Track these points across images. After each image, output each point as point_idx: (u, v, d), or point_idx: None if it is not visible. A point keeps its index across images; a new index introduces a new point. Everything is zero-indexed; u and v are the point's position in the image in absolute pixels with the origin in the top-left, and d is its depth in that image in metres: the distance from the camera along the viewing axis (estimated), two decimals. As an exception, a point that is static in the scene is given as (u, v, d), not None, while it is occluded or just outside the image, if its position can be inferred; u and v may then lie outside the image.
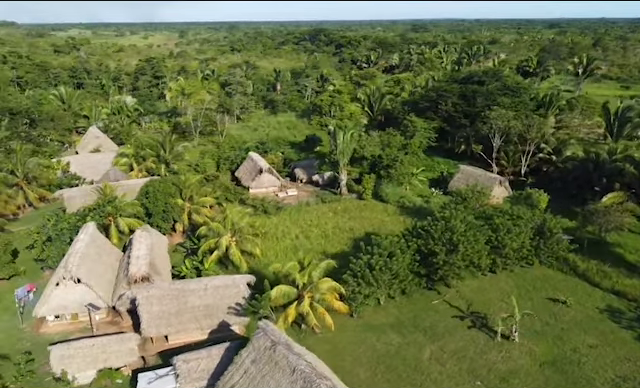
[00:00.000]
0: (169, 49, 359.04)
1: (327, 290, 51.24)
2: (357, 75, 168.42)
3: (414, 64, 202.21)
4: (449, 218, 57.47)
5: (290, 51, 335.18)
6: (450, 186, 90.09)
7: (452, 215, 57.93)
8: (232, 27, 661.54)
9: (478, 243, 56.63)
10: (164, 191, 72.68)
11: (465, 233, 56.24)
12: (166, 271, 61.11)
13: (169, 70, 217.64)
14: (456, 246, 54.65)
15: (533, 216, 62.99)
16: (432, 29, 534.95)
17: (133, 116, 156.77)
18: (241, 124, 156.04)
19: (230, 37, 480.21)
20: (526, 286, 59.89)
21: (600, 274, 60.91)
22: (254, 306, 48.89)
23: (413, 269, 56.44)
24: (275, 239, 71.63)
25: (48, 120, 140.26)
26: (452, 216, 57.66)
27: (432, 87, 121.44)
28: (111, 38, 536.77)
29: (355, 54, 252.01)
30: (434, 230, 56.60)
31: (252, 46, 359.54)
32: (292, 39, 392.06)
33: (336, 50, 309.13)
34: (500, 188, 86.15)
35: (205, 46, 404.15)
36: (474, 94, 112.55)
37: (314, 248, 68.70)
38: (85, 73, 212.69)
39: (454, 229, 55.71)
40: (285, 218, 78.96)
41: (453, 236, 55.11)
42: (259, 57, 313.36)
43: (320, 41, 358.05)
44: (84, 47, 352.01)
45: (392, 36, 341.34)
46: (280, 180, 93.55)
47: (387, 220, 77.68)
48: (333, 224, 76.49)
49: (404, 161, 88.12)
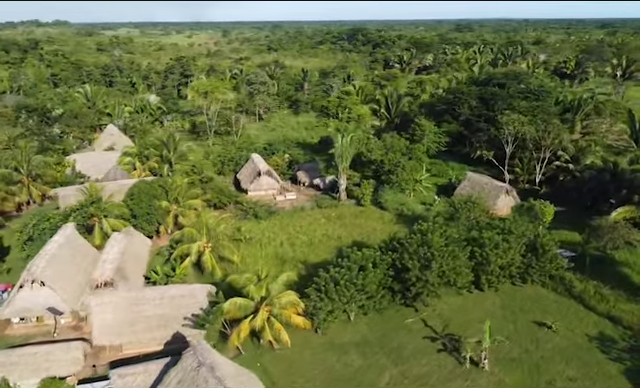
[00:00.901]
0: (207, 48, 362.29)
1: (286, 304, 48.38)
2: (379, 76, 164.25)
3: (441, 65, 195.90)
4: (426, 231, 53.54)
5: (326, 51, 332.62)
6: (455, 194, 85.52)
7: (429, 228, 53.94)
8: (275, 27, 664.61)
9: (457, 259, 52.52)
10: (148, 193, 71.39)
11: (444, 248, 52.23)
12: (138, 276, 59.58)
13: (198, 69, 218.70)
14: (430, 262, 50.76)
15: (526, 231, 58.14)
16: (477, 29, 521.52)
17: (156, 115, 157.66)
18: (262, 124, 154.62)
19: (271, 36, 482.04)
20: (513, 307, 55.37)
21: (597, 296, 55.80)
22: (204, 319, 46.55)
23: (386, 285, 52.90)
24: (259, 245, 69.19)
25: (72, 117, 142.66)
26: (429, 229, 53.67)
27: (450, 89, 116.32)
28: (157, 37, 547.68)
29: (388, 54, 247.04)
30: (409, 244, 52.85)
31: (289, 45, 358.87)
32: (330, 38, 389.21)
33: (373, 50, 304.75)
34: (507, 197, 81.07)
35: (245, 45, 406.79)
36: (493, 97, 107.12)
37: (296, 256, 65.96)
38: (117, 71, 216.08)
39: (430, 243, 51.80)
40: (275, 223, 76.50)
41: (428, 251, 51.23)
42: (295, 56, 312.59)
43: (357, 41, 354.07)
44: (119, 46, 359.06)
45: (431, 36, 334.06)
46: (279, 183, 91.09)
47: (380, 228, 74.01)
48: (323, 231, 73.49)
49: (406, 166, 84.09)
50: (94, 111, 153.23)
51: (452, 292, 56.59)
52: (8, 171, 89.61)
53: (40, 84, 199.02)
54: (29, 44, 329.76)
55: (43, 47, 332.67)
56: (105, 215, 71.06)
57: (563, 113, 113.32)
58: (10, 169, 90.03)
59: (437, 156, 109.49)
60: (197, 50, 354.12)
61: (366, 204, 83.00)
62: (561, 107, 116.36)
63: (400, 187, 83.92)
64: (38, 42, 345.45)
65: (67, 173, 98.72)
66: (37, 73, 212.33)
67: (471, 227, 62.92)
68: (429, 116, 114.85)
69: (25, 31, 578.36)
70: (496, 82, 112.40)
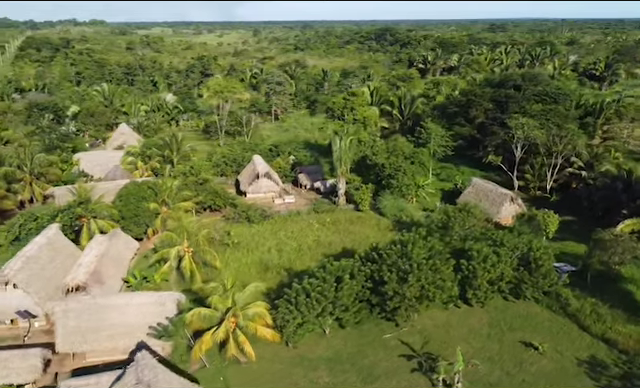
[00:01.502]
0: (235, 47, 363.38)
1: (253, 316, 46.19)
2: (395, 76, 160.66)
3: (461, 66, 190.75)
4: (407, 242, 50.61)
5: (353, 50, 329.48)
6: (459, 200, 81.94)
7: (410, 239, 50.98)
8: (305, 26, 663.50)
9: (438, 273, 49.42)
10: (137, 194, 70.28)
11: (425, 261, 49.22)
12: (116, 280, 58.30)
13: (219, 68, 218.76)
14: (407, 275, 47.84)
15: (518, 243, 54.56)
16: (511, 29, 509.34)
17: (173, 114, 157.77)
18: (276, 124, 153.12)
19: (301, 36, 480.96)
20: (501, 324, 51.94)
21: (593, 316, 51.87)
22: (164, 330, 44.77)
23: (363, 297, 50.23)
24: (246, 251, 67.20)
25: (88, 115, 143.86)
26: (410, 240, 50.71)
27: (463, 91, 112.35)
28: (188, 36, 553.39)
29: (413, 54, 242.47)
30: (387, 255, 50.02)
31: (315, 45, 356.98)
32: (358, 38, 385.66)
33: (400, 50, 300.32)
34: (512, 206, 77.15)
35: (273, 45, 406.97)
36: (507, 99, 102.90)
37: (282, 263, 63.75)
38: (140, 70, 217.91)
39: (410, 255, 48.88)
40: (267, 228, 74.45)
41: (407, 264, 48.33)
42: (320, 56, 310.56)
43: (385, 41, 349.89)
44: (148, 45, 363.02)
45: (460, 36, 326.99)
46: (279, 186, 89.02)
47: (373, 236, 70.92)
48: (314, 237, 71.07)
49: (408, 171, 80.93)
50: (111, 110, 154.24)
51: (437, 306, 53.57)
52: (12, 169, 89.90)
53: (64, 82, 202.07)
54: (61, 43, 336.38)
55: (74, 46, 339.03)
56: (94, 216, 70.39)
57: (584, 117, 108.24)
58: (13, 167, 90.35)
59: (448, 160, 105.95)
60: (224, 49, 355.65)
61: (364, 209, 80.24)
62: (582, 110, 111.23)
63: (401, 192, 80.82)
64: (70, 41, 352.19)
65: (73, 172, 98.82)
66: (62, 71, 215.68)
67: (465, 237, 59.57)
68: (441, 119, 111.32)
69: (62, 30, 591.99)
70: (511, 84, 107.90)
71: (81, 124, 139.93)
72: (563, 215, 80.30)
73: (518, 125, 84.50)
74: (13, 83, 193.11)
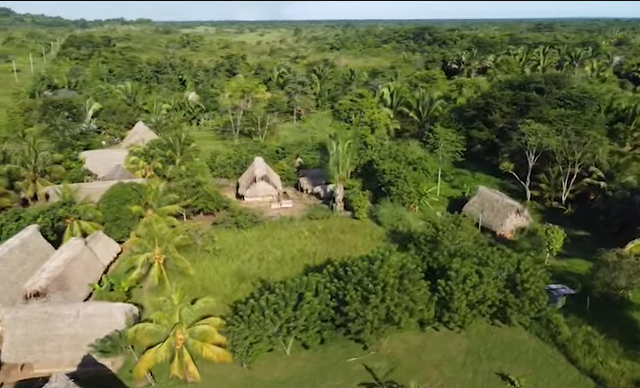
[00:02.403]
0: (271, 46, 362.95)
1: (201, 334, 43.14)
2: (417, 77, 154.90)
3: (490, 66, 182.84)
4: (374, 259, 46.52)
5: (390, 50, 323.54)
6: (463, 210, 77.06)
7: (379, 256, 46.83)
8: (347, 25, 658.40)
9: (408, 294, 45.07)
10: (120, 197, 68.47)
11: (396, 280, 45.03)
12: (83, 286, 56.38)
13: (247, 68, 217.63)
14: (371, 295, 43.77)
15: (504, 263, 49.61)
16: (559, 29, 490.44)
17: (194, 112, 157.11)
18: (296, 125, 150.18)
19: (341, 35, 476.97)
20: (480, 351, 47.21)
21: (585, 347, 46.53)
22: (102, 346, 42.26)
23: (327, 317, 46.46)
24: (226, 259, 64.35)
25: (110, 113, 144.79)
26: (378, 257, 46.56)
27: (482, 93, 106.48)
28: (230, 35, 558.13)
29: (448, 54, 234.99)
30: (353, 273, 46.07)
31: (352, 44, 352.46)
32: (397, 37, 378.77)
33: (438, 49, 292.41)
34: (518, 218, 71.67)
35: (311, 43, 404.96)
36: (527, 103, 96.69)
37: (258, 274, 60.52)
38: (170, 68, 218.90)
39: (376, 274, 44.79)
40: (255, 234, 71.40)
41: (372, 283, 44.28)
42: (356, 56, 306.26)
43: (423, 40, 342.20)
44: (188, 43, 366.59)
45: (501, 35, 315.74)
46: (277, 189, 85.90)
47: (363, 246, 67.00)
48: (301, 246, 67.54)
49: (409, 178, 76.39)
50: (133, 108, 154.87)
51: (413, 329, 49.26)
52: (16, 166, 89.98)
53: (96, 80, 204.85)
54: (103, 41, 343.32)
55: (115, 44, 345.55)
56: (79, 217, 69.09)
57: (614, 122, 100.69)
58: (17, 165, 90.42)
59: (465, 166, 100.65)
60: (261, 48, 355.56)
61: (361, 217, 76.18)
62: (613, 116, 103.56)
63: (401, 200, 76.37)
64: (111, 39, 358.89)
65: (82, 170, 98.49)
66: (95, 69, 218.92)
67: (454, 253, 54.92)
68: (458, 122, 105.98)
69: (109, 29, 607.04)
70: (533, 87, 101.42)
71: (102, 122, 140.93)
72: (577, 229, 74.66)
73: (530, 131, 78.57)
74: (46, 80, 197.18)
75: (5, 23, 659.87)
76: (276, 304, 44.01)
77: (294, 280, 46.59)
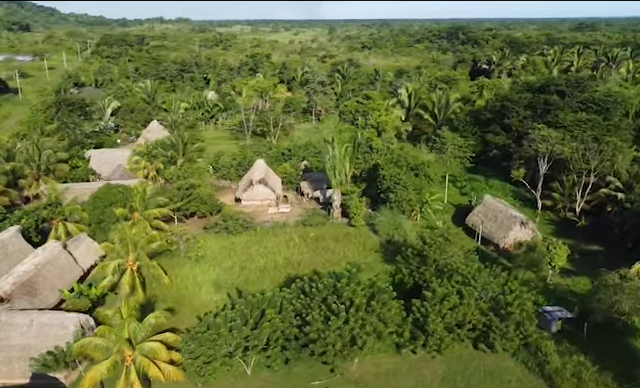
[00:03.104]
0: (302, 45, 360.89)
1: (150, 351, 40.55)
2: (438, 78, 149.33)
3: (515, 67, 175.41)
4: (341, 276, 43.07)
5: (422, 49, 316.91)
6: (468, 220, 72.67)
7: (346, 273, 43.34)
8: (383, 24, 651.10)
9: (375, 316, 41.43)
10: (105, 199, 66.84)
11: (359, 300, 41.50)
12: (55, 292, 54.65)
13: (272, 67, 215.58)
14: (334, 315, 40.35)
15: (487, 284, 45.40)
16: (602, 28, 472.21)
17: (213, 111, 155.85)
18: (313, 125, 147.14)
19: (375, 34, 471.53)
20: (457, 379, 43.20)
21: (573, 380, 41.97)
22: (44, 359, 40.12)
23: (290, 336, 43.22)
24: (208, 266, 61.86)
25: (128, 111, 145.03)
26: (345, 274, 43.07)
27: (498, 96, 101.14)
28: (264, 34, 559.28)
29: (478, 54, 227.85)
30: (318, 290, 42.74)
31: (384, 43, 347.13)
32: (430, 37, 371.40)
33: (471, 49, 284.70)
34: (522, 230, 66.73)
35: (345, 42, 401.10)
36: (546, 106, 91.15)
37: (238, 283, 57.93)
38: (195, 67, 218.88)
39: (341, 293, 41.36)
40: (242, 241, 68.64)
41: (335, 302, 40.88)
42: (387, 55, 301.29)
43: (457, 39, 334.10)
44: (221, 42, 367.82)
45: (537, 35, 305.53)
46: (275, 193, 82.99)
47: (353, 256, 63.53)
48: (287, 255, 64.46)
49: (409, 184, 72.35)
50: (153, 106, 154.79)
51: (388, 351, 45.62)
52: (20, 164, 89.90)
53: (122, 78, 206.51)
54: (136, 40, 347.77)
55: (149, 42, 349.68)
56: (65, 219, 67.85)
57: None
58: (21, 162, 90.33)
59: (479, 172, 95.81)
60: (292, 47, 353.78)
61: (358, 224, 72.54)
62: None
63: (400, 208, 72.42)
64: (144, 38, 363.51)
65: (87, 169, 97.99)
66: (122, 68, 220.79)
67: (441, 269, 50.99)
68: (474, 125, 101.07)
69: (148, 27, 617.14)
70: (554, 89, 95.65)
71: (121, 120, 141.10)
72: (589, 243, 69.47)
73: (541, 137, 73.45)
74: (73, 78, 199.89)
75: (50, 22, 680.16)
76: (233, 321, 41.06)
77: (255, 296, 43.57)
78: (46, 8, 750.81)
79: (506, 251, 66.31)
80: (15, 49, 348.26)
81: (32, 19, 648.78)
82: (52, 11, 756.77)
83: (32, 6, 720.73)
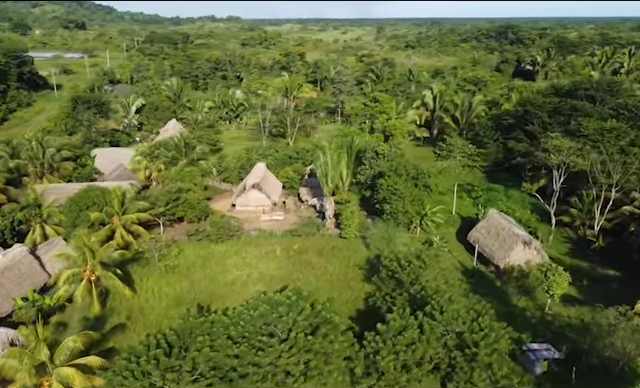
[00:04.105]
0: (344, 44, 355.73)
1: (66, 377, 37.04)
2: (466, 79, 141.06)
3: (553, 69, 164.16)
4: (280, 303, 38.28)
5: (468, 49, 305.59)
6: (469, 236, 66.35)
7: (285, 301, 38.49)
8: (434, 23, 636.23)
9: (313, 352, 36.45)
10: (82, 202, 64.39)
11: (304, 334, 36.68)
12: (8, 301, 52.21)
13: (305, 66, 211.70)
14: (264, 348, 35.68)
15: (454, 318, 39.56)
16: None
17: (238, 110, 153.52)
18: (336, 127, 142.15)
19: (424, 33, 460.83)
20: (412, 427, 37.77)
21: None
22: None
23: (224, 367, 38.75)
24: (179, 277, 58.23)
25: (152, 109, 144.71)
26: (284, 302, 38.21)
27: (521, 100, 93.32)
28: (313, 33, 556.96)
29: (523, 54, 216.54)
30: (252, 318, 38.12)
31: (429, 43, 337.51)
32: (479, 36, 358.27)
33: (516, 49, 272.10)
34: (526, 251, 59.90)
35: (391, 41, 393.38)
36: (573, 112, 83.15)
37: (201, 299, 53.97)
38: (229, 65, 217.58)
39: (275, 323, 36.59)
40: (222, 250, 64.75)
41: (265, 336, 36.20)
42: (430, 55, 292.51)
43: (505, 39, 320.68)
44: (265, 40, 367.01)
45: (592, 34, 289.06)
46: (270, 199, 78.79)
47: (334, 273, 58.68)
48: (263, 269, 60.02)
49: (406, 195, 66.62)
50: (178, 104, 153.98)
51: (344, 385, 40.54)
52: (24, 162, 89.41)
53: (157, 76, 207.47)
54: (181, 38, 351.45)
55: (193, 41, 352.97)
56: (44, 221, 65.96)
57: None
58: (26, 160, 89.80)
59: (499, 180, 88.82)
60: (334, 46, 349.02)
61: (349, 237, 67.39)
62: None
63: (396, 220, 66.83)
64: (189, 36, 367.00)
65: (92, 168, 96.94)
66: (157, 65, 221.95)
67: (413, 296, 45.45)
68: (495, 131, 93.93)
69: (198, 25, 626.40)
70: (583, 93, 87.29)
71: (145, 118, 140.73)
72: (605, 267, 62.22)
73: (554, 147, 66.20)
74: (108, 75, 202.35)
75: (106, 20, 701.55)
76: (159, 349, 37.04)
77: (188, 321, 39.37)
78: (104, 7, 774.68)
79: (506, 272, 59.72)
80: (67, 46, 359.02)
81: (90, 17, 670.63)
82: (109, 10, 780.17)
83: (91, 5, 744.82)
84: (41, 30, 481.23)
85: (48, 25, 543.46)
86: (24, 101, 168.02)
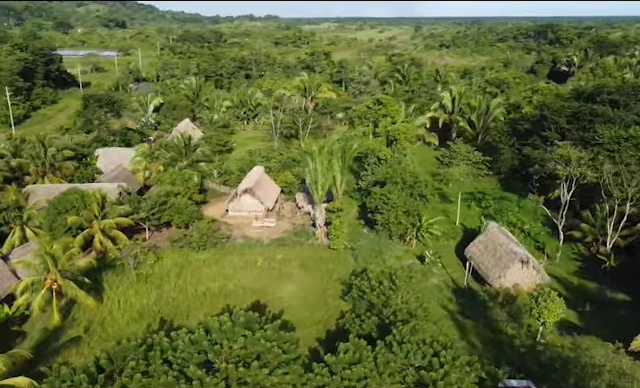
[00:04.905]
0: (376, 43, 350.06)
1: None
2: (488, 80, 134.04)
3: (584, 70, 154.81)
4: (213, 328, 34.66)
5: (505, 48, 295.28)
6: (466, 251, 61.36)
7: (216, 325, 34.86)
8: (474, 22, 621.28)
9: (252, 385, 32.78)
10: (59, 205, 62.43)
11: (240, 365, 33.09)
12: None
13: (330, 66, 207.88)
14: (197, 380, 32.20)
15: (416, 350, 35.21)
16: None
17: (257, 110, 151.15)
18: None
19: (462, 32, 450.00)
20: None
21: None
22: None
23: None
24: (148, 287, 55.47)
25: (170, 109, 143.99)
26: (214, 326, 34.56)
27: (538, 104, 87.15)
28: (350, 32, 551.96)
29: (558, 55, 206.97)
30: (183, 344, 34.68)
31: (464, 42, 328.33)
32: (518, 35, 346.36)
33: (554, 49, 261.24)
34: (524, 270, 54.72)
35: (427, 40, 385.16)
36: (592, 118, 76.88)
37: (163, 312, 51.04)
38: (254, 64, 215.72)
39: (207, 350, 33.11)
40: (202, 258, 61.68)
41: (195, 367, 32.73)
42: (464, 54, 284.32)
43: (545, 38, 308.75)
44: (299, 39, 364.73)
45: (637, 34, 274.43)
46: (263, 205, 75.47)
47: (314, 288, 54.83)
48: (237, 281, 56.63)
49: (398, 205, 62.17)
50: (196, 104, 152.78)
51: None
52: (26, 161, 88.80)
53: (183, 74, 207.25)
54: (215, 37, 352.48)
55: (226, 40, 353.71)
56: (25, 223, 64.44)
57: None
58: (27, 159, 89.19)
59: (514, 189, 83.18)
60: (367, 45, 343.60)
61: (337, 248, 63.43)
62: None
63: (388, 231, 62.52)
64: (222, 35, 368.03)
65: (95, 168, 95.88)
66: (184, 64, 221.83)
67: (383, 321, 41.34)
68: (511, 136, 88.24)
69: (235, 24, 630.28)
70: (606, 97, 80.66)
71: (162, 117, 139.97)
72: (616, 290, 56.31)
73: (560, 157, 60.54)
74: (134, 73, 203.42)
75: (147, 19, 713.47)
76: (82, 376, 34.03)
77: (115, 345, 36.20)
78: (146, 6, 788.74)
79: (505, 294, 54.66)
80: (104, 45, 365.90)
81: (132, 16, 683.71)
82: (151, 9, 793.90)
83: (133, 4, 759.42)
84: (82, 29, 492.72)
85: (90, 24, 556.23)
86: (49, 98, 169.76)
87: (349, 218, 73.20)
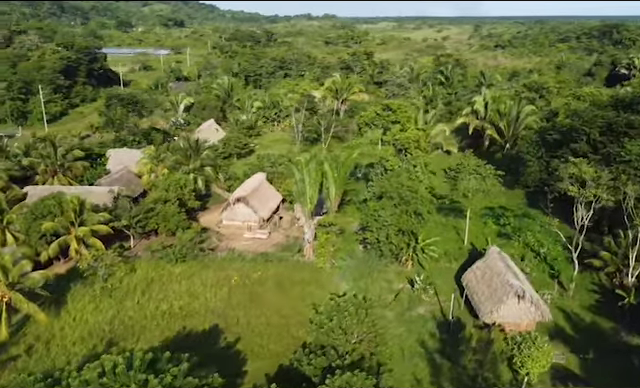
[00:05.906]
0: (427, 43, 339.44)
1: None
2: (525, 85, 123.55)
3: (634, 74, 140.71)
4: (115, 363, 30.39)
5: (564, 49, 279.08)
6: (463, 278, 54.74)
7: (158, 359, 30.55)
8: (538, 21, 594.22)
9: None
10: (37, 211, 60.30)
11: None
12: None
13: (372, 67, 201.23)
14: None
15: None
16: None
17: (287, 111, 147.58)
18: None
19: (522, 32, 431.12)
20: None
21: None
22: None
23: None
24: (110, 302, 52.21)
25: (200, 109, 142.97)
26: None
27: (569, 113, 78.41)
28: (407, 31, 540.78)
29: (618, 57, 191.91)
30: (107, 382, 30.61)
31: (521, 43, 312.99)
32: (581, 36, 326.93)
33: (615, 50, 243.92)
34: (521, 306, 47.59)
35: (484, 41, 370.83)
36: (627, 129, 68.13)
37: (117, 332, 47.45)
38: (295, 64, 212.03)
39: None
40: (176, 271, 57.91)
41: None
42: (519, 55, 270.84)
43: (609, 39, 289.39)
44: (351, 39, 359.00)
45: None
46: (257, 214, 71.13)
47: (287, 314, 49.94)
48: (204, 301, 52.34)
49: (390, 224, 56.26)
50: (228, 104, 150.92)
51: None
52: (37, 160, 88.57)
53: (224, 74, 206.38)
54: (266, 36, 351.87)
55: (276, 39, 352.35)
56: (6, 227, 62.85)
57: None
58: (38, 159, 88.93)
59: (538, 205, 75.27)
60: (420, 45, 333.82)
61: (322, 266, 58.26)
62: None
63: (379, 251, 56.79)
64: (273, 34, 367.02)
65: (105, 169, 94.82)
66: (225, 63, 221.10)
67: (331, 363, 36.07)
68: (540, 147, 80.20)
69: (292, 23, 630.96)
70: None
71: (192, 116, 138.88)
72: (632, 333, 48.73)
73: (572, 176, 52.86)
74: (175, 72, 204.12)
75: (208, 18, 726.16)
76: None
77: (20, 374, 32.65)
78: (207, 6, 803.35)
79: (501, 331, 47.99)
80: (160, 43, 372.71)
81: (192, 15, 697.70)
82: (212, 8, 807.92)
83: (195, 4, 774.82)
84: (142, 28, 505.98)
85: (150, 23, 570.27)
86: (89, 96, 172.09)
87: (348, 232, 67.76)
